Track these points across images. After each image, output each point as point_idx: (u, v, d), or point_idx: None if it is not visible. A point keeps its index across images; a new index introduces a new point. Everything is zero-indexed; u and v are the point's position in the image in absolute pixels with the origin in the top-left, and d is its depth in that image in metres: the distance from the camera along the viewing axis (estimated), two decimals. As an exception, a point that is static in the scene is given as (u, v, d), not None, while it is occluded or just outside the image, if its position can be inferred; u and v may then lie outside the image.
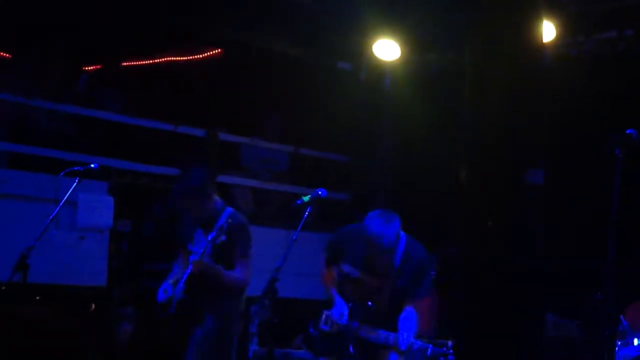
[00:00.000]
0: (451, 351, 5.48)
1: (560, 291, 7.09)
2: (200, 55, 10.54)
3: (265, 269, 5.68)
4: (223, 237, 6.10)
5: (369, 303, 5.96)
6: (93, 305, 5.96)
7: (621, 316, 6.23)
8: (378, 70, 9.61)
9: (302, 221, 5.77)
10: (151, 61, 10.25)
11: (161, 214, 8.95)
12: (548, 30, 7.61)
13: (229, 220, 6.15)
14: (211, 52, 10.53)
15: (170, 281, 6.39)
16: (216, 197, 6.40)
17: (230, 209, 6.34)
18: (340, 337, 6.00)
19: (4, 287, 5.56)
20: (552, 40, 7.85)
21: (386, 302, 5.93)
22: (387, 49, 9.06)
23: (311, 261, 6.54)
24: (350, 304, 6.05)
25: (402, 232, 5.93)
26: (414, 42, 9.10)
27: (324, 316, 6.13)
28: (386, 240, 5.78)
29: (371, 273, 6.01)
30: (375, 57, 9.18)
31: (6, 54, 9.52)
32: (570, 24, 8.09)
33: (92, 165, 6.12)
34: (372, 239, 5.78)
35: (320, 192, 5.96)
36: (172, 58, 10.42)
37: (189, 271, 6.18)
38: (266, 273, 5.52)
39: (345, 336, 5.98)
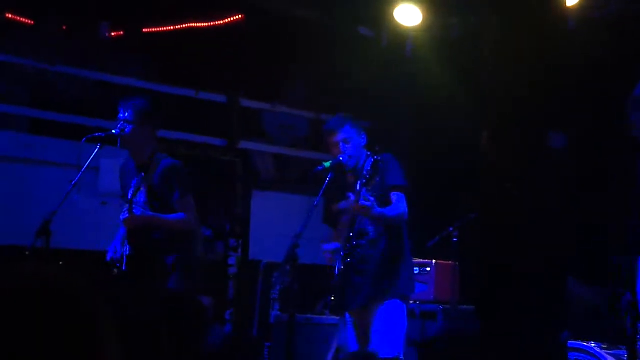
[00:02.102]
0: None
1: (580, 256, 7.06)
2: (221, 22, 10.49)
3: (286, 235, 5.68)
4: (156, 181, 5.96)
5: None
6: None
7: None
8: (400, 36, 9.54)
9: (323, 187, 5.75)
10: (172, 27, 10.21)
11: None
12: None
13: (162, 164, 6.02)
14: (232, 18, 10.49)
15: (121, 237, 6.17)
16: (157, 149, 6.21)
17: (167, 158, 6.16)
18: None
19: (27, 253, 5.61)
20: (575, 4, 7.77)
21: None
22: (408, 14, 8.98)
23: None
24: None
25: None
26: (436, 7, 9.02)
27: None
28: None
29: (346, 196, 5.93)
30: (397, 22, 9.11)
31: (29, 19, 9.52)
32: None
33: (114, 131, 6.13)
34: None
35: (341, 158, 5.94)
36: (193, 24, 10.38)
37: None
38: (287, 239, 5.52)
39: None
